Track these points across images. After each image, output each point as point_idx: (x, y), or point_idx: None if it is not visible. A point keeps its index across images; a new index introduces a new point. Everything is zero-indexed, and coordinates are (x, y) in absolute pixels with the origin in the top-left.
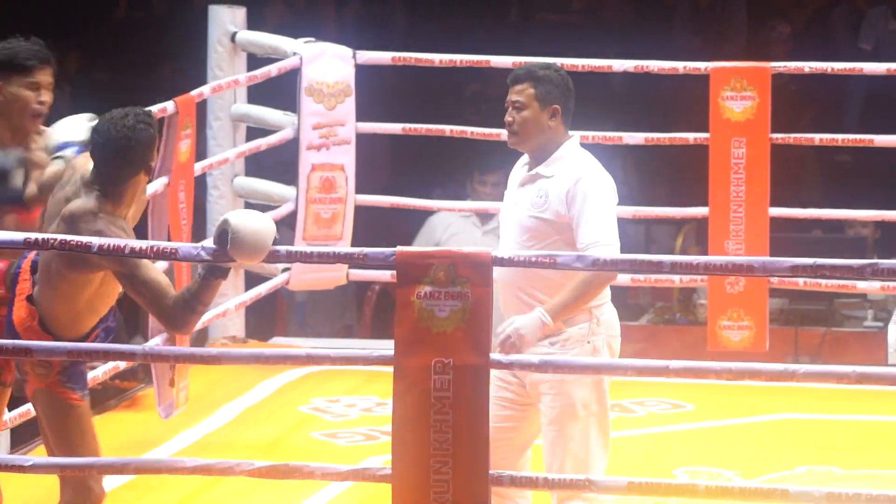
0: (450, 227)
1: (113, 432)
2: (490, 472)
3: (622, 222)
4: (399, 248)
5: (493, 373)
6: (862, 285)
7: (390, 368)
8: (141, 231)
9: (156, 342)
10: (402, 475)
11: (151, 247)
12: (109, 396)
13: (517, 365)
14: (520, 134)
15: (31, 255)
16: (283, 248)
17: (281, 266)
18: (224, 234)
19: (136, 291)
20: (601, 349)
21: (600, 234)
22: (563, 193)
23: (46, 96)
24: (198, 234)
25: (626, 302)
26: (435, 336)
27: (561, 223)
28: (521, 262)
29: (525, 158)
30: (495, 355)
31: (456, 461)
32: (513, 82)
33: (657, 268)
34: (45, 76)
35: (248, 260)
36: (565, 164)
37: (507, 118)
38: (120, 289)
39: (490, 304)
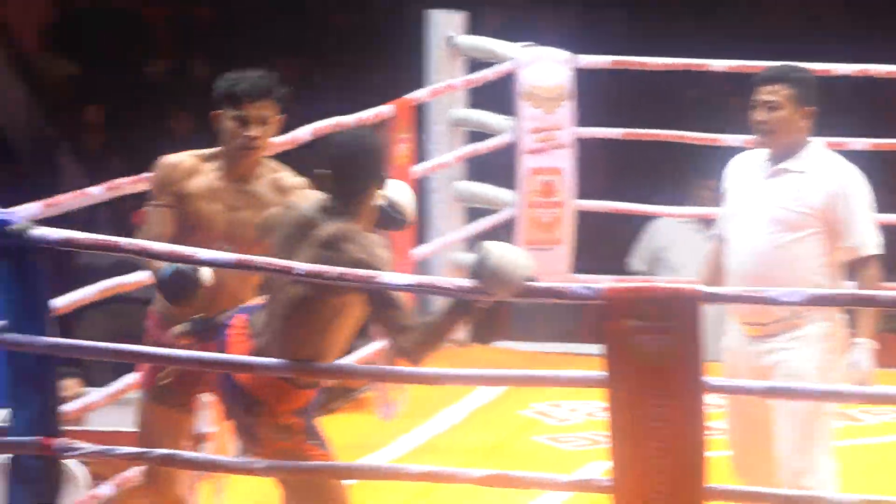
0: (669, 233)
1: (335, 434)
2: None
3: None
4: (607, 284)
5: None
6: None
7: None
8: None
9: (377, 347)
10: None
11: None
12: (335, 397)
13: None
14: (775, 133)
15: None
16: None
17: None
18: (482, 266)
19: (383, 316)
20: (838, 350)
21: (873, 236)
22: (822, 190)
23: (256, 130)
24: (419, 238)
25: None
26: (647, 371)
27: (815, 217)
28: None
29: (758, 154)
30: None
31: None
32: (764, 82)
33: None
34: (258, 110)
35: (503, 293)
36: (819, 161)
37: (759, 117)
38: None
39: (699, 337)
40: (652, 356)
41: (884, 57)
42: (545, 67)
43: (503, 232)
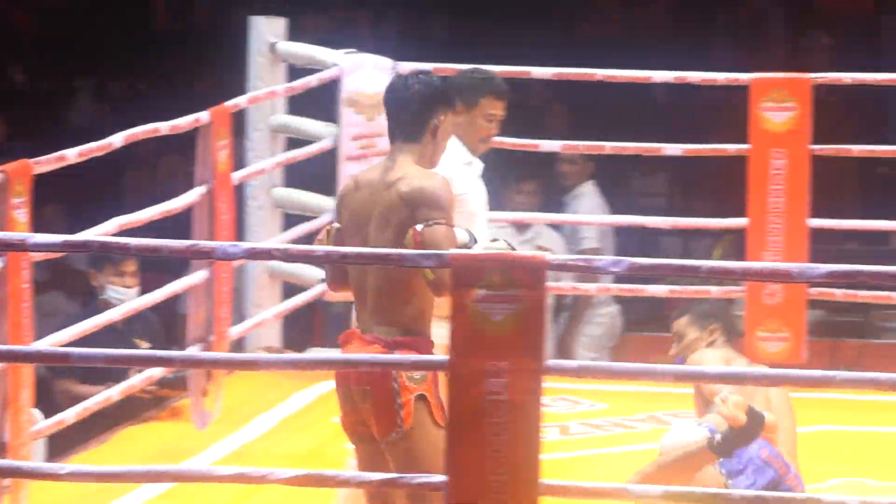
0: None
1: (150, 442)
2: (543, 480)
3: (659, 234)
4: (453, 252)
5: None
6: None
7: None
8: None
9: (193, 351)
10: (457, 480)
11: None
12: (149, 406)
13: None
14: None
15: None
16: (321, 248)
17: (319, 276)
18: None
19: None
20: None
21: None
22: None
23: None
24: (238, 241)
25: (662, 314)
26: (489, 339)
27: None
28: (575, 266)
29: (468, 156)
30: (553, 361)
31: (511, 465)
32: (506, 96)
33: (693, 272)
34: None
35: None
36: None
37: (494, 130)
38: None
39: (544, 307)
40: (496, 326)
41: (700, 64)
42: (367, 74)
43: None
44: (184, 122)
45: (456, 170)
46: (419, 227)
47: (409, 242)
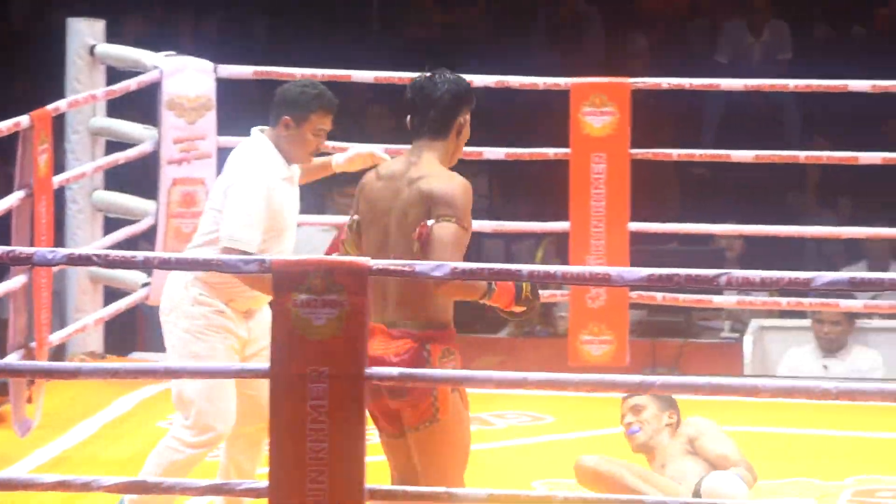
0: (311, 240)
1: None
2: (367, 485)
3: (482, 237)
4: (274, 257)
5: None
6: (718, 300)
7: None
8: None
9: (13, 358)
10: (278, 486)
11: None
12: None
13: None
14: None
15: None
16: (140, 254)
17: (141, 280)
18: None
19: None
20: None
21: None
22: None
23: None
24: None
25: (486, 315)
26: (311, 344)
27: None
28: (398, 271)
29: (287, 170)
30: (374, 368)
31: (332, 470)
32: (335, 110)
33: (515, 276)
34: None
35: None
36: None
37: (322, 144)
38: None
39: (366, 312)
40: (318, 331)
41: (521, 67)
42: (188, 77)
43: (143, 242)
44: (3, 126)
45: (275, 184)
46: (429, 221)
47: (414, 236)
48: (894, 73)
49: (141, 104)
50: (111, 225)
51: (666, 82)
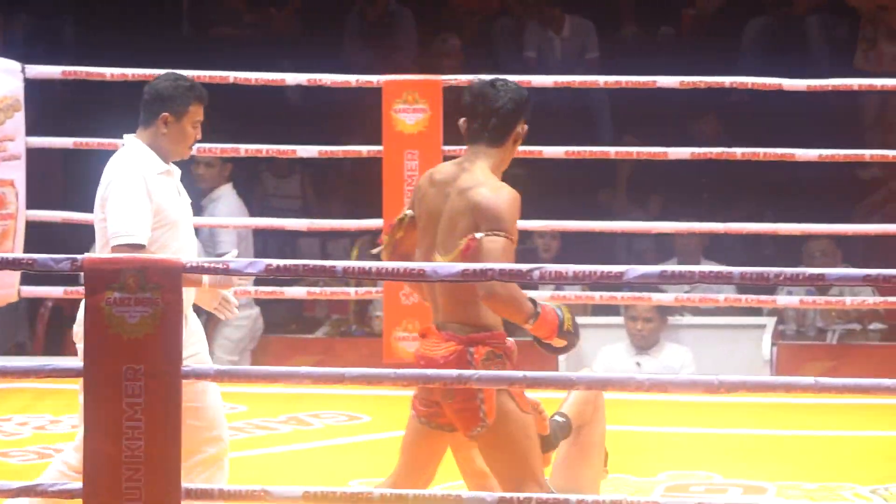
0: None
1: None
2: (183, 484)
3: (297, 236)
4: (87, 255)
5: None
6: (532, 295)
7: (62, 385)
8: None
9: None
10: (93, 486)
11: None
12: None
13: (210, 375)
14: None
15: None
16: None
17: None
18: None
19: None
20: None
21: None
22: None
23: None
24: None
25: (303, 315)
26: (126, 342)
27: None
28: (211, 270)
29: (163, 165)
30: (190, 366)
31: (148, 469)
32: (206, 101)
33: (330, 273)
34: None
35: None
36: None
37: (199, 135)
38: None
39: (181, 310)
40: (132, 329)
41: (334, 66)
42: None
43: None
44: None
45: (152, 178)
46: (478, 234)
47: (460, 248)
48: (702, 72)
49: None
50: None
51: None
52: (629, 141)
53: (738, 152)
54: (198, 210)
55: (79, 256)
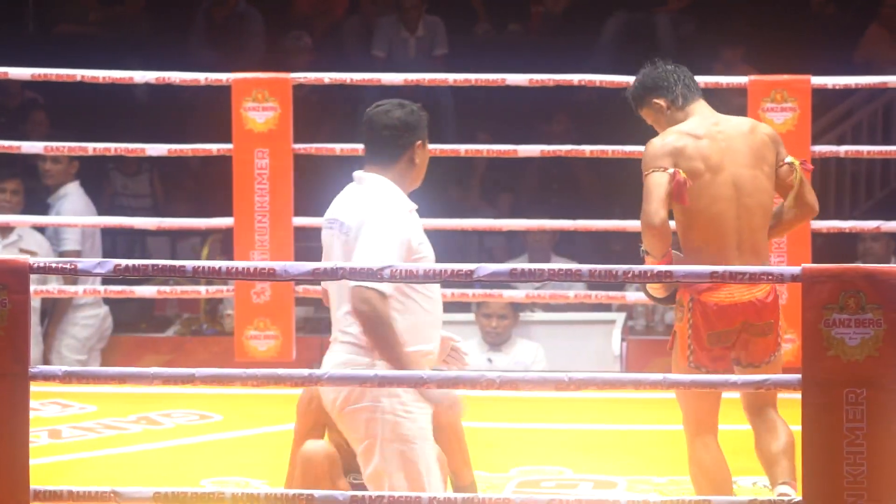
0: None
1: None
2: (31, 486)
3: (146, 235)
4: None
5: None
6: None
7: None
8: None
9: None
10: None
11: None
12: None
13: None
14: None
15: None
16: None
17: None
18: None
19: None
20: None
21: None
22: None
23: None
24: None
25: (153, 314)
26: None
27: None
28: (59, 269)
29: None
30: (38, 367)
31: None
32: None
33: (180, 272)
34: None
35: None
36: None
37: None
38: None
39: (28, 311)
40: None
41: (182, 64)
42: None
43: None
44: None
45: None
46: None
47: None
48: (551, 70)
49: None
50: None
51: (328, 77)
52: (483, 139)
53: (587, 150)
54: (44, 208)
55: None
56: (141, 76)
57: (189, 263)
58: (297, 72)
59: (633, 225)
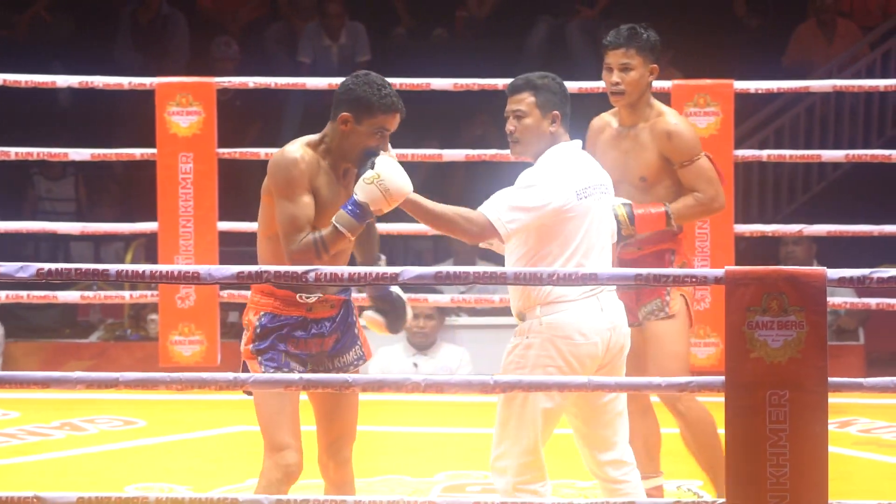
0: None
1: None
2: None
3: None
4: None
5: None
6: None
7: None
8: None
9: None
10: None
11: None
12: None
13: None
14: (521, 142)
15: None
16: None
17: None
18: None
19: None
20: (538, 347)
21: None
22: None
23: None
24: None
25: (77, 320)
26: None
27: None
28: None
29: None
30: None
31: None
32: (511, 92)
33: (104, 276)
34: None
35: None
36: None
37: (509, 127)
38: None
39: None
40: None
41: (106, 69)
42: None
43: None
44: None
45: None
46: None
47: None
48: (475, 74)
49: None
50: None
51: (252, 81)
52: (408, 143)
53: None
54: None
55: None
56: (64, 80)
57: (113, 267)
58: (223, 76)
59: None
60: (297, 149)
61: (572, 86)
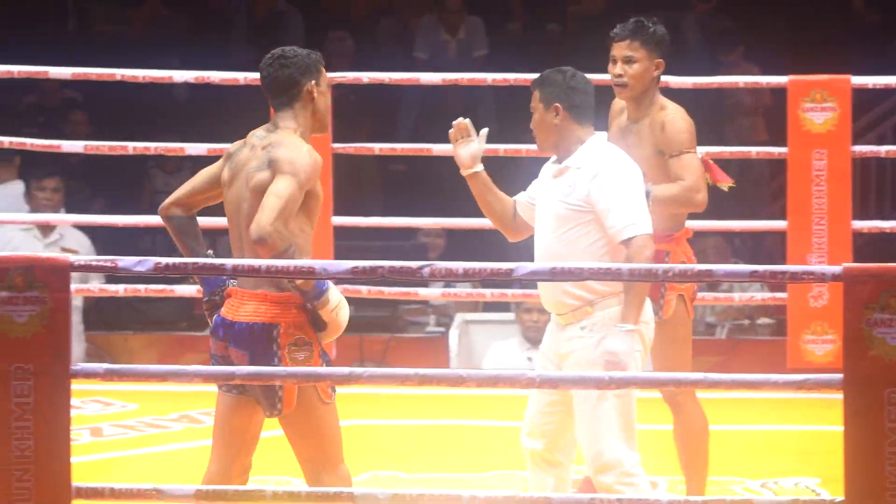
0: (11, 241)
1: None
2: (73, 483)
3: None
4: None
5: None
6: (424, 293)
7: None
8: None
9: None
10: None
11: None
12: None
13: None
14: (536, 137)
15: None
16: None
17: None
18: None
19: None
20: (625, 336)
21: (633, 218)
22: (588, 183)
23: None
24: None
25: (193, 313)
26: (14, 342)
27: (586, 210)
28: (100, 267)
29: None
30: (80, 365)
31: (38, 469)
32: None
33: (221, 271)
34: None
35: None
36: (590, 155)
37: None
38: None
39: (69, 309)
40: (21, 328)
41: (221, 64)
42: None
43: None
44: None
45: None
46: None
47: None
48: (588, 69)
49: None
50: None
51: (367, 77)
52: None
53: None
54: (85, 207)
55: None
56: (180, 75)
57: (229, 262)
58: (338, 71)
59: None
60: None
61: (686, 81)
